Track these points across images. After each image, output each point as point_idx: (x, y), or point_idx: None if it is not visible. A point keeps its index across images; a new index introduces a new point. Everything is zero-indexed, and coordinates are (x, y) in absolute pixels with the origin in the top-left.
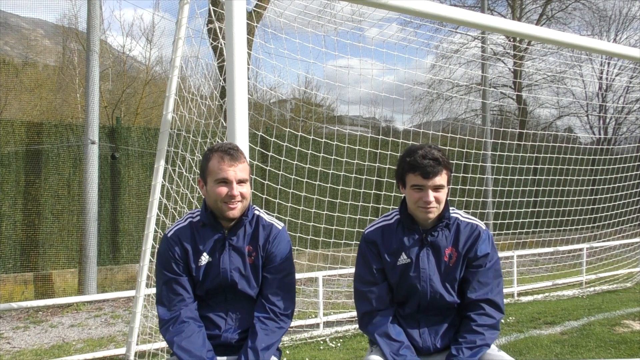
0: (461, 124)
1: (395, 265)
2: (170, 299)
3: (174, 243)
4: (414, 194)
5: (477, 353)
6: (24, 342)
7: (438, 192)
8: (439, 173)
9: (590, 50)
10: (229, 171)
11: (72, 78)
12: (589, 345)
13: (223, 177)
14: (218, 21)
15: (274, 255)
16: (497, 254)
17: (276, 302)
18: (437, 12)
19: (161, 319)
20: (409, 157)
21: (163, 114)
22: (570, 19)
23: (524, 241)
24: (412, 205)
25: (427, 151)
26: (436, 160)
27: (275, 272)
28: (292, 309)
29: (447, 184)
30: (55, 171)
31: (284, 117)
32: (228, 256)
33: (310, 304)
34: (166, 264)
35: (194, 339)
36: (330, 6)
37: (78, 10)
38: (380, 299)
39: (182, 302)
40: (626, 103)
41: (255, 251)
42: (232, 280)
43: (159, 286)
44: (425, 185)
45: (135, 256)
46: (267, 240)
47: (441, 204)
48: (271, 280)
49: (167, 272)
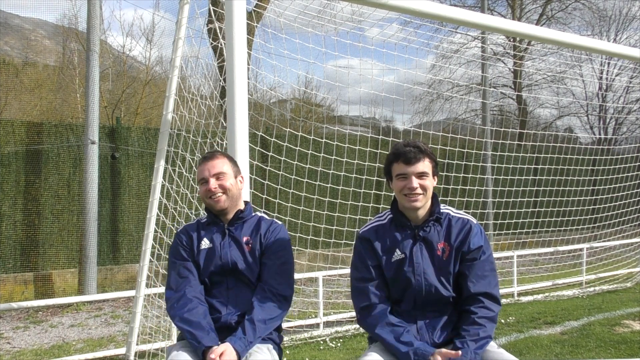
0: (461, 124)
1: (390, 261)
2: (178, 281)
3: (182, 234)
4: (399, 183)
5: (482, 345)
6: (24, 342)
7: (422, 180)
8: (422, 160)
9: (590, 50)
10: (204, 171)
11: (72, 78)
12: (589, 345)
13: (201, 177)
14: (218, 21)
15: (273, 243)
16: (490, 247)
17: (274, 285)
18: (437, 12)
19: (167, 299)
20: (393, 149)
21: (163, 114)
22: (570, 19)
23: (524, 241)
24: (399, 196)
25: (409, 141)
26: (417, 147)
27: (274, 259)
28: (290, 293)
29: (433, 174)
30: (55, 171)
31: (284, 117)
32: (227, 243)
33: (310, 304)
34: (175, 253)
35: (195, 312)
36: (330, 6)
37: (78, 10)
38: (378, 294)
39: (187, 283)
40: (626, 103)
41: (254, 240)
42: (233, 263)
43: (170, 274)
44: (409, 172)
45: (135, 256)
46: (267, 230)
47: (427, 192)
48: (270, 266)
49: (176, 259)
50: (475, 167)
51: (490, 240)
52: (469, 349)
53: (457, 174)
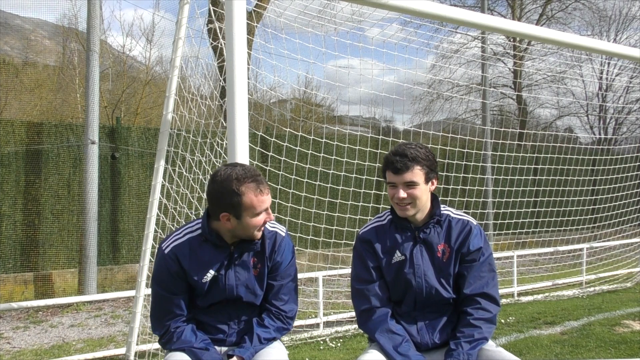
0: (461, 124)
1: (391, 263)
2: (163, 316)
3: (171, 261)
4: (390, 191)
5: (475, 347)
6: (24, 342)
7: (411, 189)
8: (409, 169)
9: (590, 50)
10: (266, 201)
11: (72, 78)
12: (589, 345)
13: (264, 208)
14: (218, 21)
15: (279, 263)
16: (489, 248)
17: (281, 307)
18: (437, 12)
19: (152, 327)
20: (385, 156)
21: (163, 114)
22: (570, 19)
23: (524, 241)
24: (392, 202)
25: (399, 148)
26: (404, 156)
27: (280, 279)
28: (296, 310)
29: (425, 181)
30: (55, 171)
31: (284, 117)
32: (234, 272)
33: (310, 304)
34: (160, 281)
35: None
36: (330, 6)
37: (78, 10)
38: (378, 296)
39: (173, 319)
40: (626, 103)
41: (261, 262)
42: (237, 295)
43: (153, 301)
44: (397, 182)
45: (135, 256)
46: (273, 250)
47: (417, 201)
48: (277, 287)
49: (160, 289)
50: (475, 167)
51: (490, 241)
52: (462, 351)
53: (457, 174)
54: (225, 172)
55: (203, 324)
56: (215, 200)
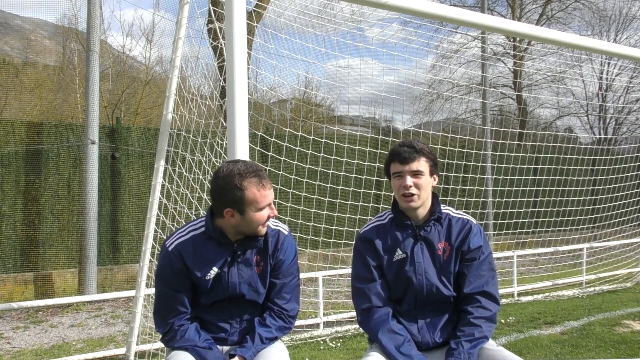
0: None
1: (392, 261)
2: (167, 314)
3: (174, 258)
4: (396, 182)
5: (475, 345)
6: (24, 342)
7: (417, 178)
8: (416, 159)
9: (590, 50)
10: (269, 196)
11: (72, 78)
12: (589, 345)
13: (267, 203)
14: (218, 21)
15: (282, 262)
16: (489, 247)
17: (283, 306)
18: (437, 12)
19: (155, 325)
20: (391, 149)
21: (163, 114)
22: (570, 19)
23: (524, 241)
24: (397, 196)
25: (406, 140)
26: (413, 147)
27: (282, 277)
28: (297, 309)
29: (430, 173)
30: (55, 171)
31: (284, 117)
32: (237, 269)
33: (310, 304)
34: (164, 279)
35: (187, 337)
36: (330, 6)
37: (78, 10)
38: (379, 295)
39: (176, 317)
40: (626, 103)
41: (264, 260)
42: (240, 293)
43: (157, 298)
44: (404, 170)
45: (135, 256)
46: (276, 248)
47: (422, 192)
48: (279, 286)
49: (164, 286)
50: (475, 167)
51: (490, 240)
52: (462, 350)
53: (457, 174)
54: (227, 168)
55: (205, 322)
56: (219, 197)
